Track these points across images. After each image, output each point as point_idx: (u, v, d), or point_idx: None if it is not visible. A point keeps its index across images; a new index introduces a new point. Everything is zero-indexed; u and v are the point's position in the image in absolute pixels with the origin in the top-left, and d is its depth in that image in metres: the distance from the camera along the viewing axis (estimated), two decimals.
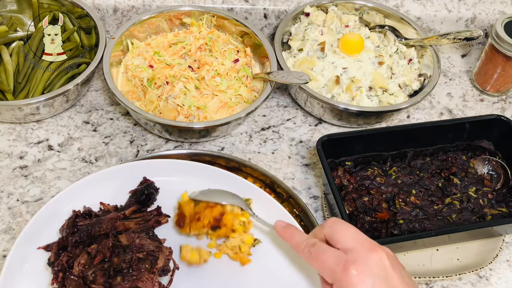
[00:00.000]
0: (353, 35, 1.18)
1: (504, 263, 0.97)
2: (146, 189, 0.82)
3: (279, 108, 1.18)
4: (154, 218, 0.80)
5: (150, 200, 0.82)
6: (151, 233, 0.77)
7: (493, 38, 1.16)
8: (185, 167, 0.86)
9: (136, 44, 1.16)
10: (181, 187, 0.83)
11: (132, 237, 0.75)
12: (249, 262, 0.79)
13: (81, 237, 0.75)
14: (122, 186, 0.83)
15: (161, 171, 0.84)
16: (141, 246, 0.74)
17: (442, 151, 1.05)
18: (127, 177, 0.83)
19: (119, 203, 0.82)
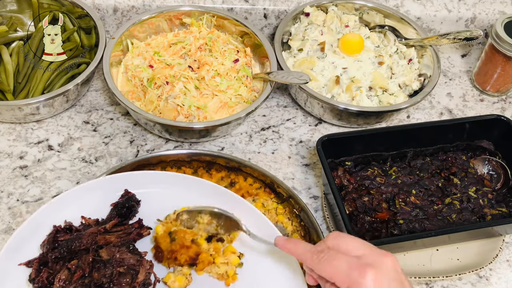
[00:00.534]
0: (353, 35, 1.18)
1: (504, 263, 0.97)
2: (127, 202, 0.81)
3: (279, 108, 1.18)
4: (136, 231, 0.80)
5: (131, 213, 0.81)
6: (131, 246, 0.77)
7: (493, 38, 1.16)
8: (167, 178, 0.85)
9: (136, 44, 1.16)
10: (162, 199, 0.82)
11: (113, 251, 0.75)
12: (235, 280, 0.78)
13: (61, 253, 0.74)
14: (104, 199, 0.82)
15: (143, 183, 0.83)
16: (122, 260, 0.74)
17: (442, 151, 1.05)
18: (109, 190, 0.82)
19: (101, 216, 0.81)
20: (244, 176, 0.98)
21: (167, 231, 0.78)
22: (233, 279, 0.78)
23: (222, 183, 0.97)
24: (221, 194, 0.84)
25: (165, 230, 0.78)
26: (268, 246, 0.77)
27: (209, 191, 0.84)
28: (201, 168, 0.99)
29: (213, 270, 0.78)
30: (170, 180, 0.84)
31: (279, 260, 0.80)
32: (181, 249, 0.77)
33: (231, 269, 0.78)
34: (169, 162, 0.98)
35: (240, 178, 0.98)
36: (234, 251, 0.80)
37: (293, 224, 0.94)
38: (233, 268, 0.78)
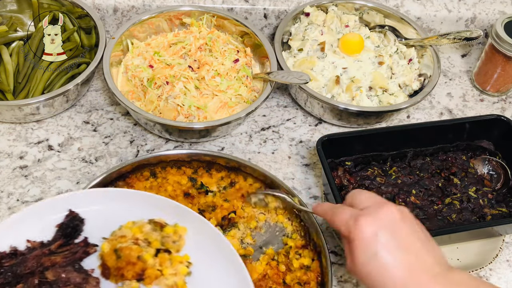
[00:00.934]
0: (353, 35, 1.18)
1: (504, 263, 0.97)
2: (71, 222, 0.81)
3: (279, 108, 1.18)
4: (82, 249, 0.80)
5: (76, 232, 0.81)
6: (77, 265, 0.77)
7: (493, 38, 1.16)
8: (110, 195, 0.84)
9: (136, 44, 1.16)
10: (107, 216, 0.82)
11: (59, 272, 0.75)
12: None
13: (6, 278, 0.74)
14: (49, 221, 0.81)
15: (86, 201, 0.83)
16: (68, 279, 0.74)
17: (442, 151, 1.05)
18: (53, 211, 0.81)
19: (47, 238, 0.81)
20: (244, 176, 0.98)
21: (113, 248, 0.78)
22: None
23: (222, 183, 0.97)
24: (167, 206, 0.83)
25: (111, 248, 0.78)
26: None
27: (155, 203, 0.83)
28: (201, 168, 0.99)
29: (162, 282, 0.77)
30: (114, 196, 0.84)
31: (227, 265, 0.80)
32: (127, 266, 0.77)
33: (180, 279, 0.78)
34: (169, 162, 0.98)
35: (240, 178, 0.98)
36: (181, 260, 0.80)
37: (293, 224, 0.94)
38: (182, 277, 0.78)
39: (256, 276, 0.86)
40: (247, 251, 0.89)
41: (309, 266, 0.88)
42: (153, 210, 0.82)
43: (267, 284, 0.85)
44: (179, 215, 0.82)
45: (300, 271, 0.87)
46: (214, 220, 0.90)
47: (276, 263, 0.88)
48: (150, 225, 0.81)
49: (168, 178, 0.96)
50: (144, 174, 0.96)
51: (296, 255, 0.89)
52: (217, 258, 0.80)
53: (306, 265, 0.88)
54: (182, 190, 0.95)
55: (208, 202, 0.94)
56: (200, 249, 0.81)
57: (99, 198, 0.83)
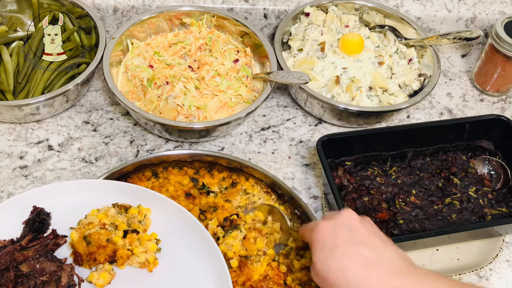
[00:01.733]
0: (353, 35, 1.18)
1: (504, 263, 0.97)
2: (38, 216, 0.83)
3: (279, 108, 1.18)
4: (52, 241, 0.82)
5: (44, 226, 0.83)
6: (49, 255, 0.80)
7: (493, 38, 1.16)
8: (71, 187, 0.87)
9: (136, 44, 1.16)
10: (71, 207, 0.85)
11: (32, 263, 0.78)
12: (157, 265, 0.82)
13: None
14: (14, 219, 0.83)
15: (48, 196, 0.85)
16: (43, 269, 0.77)
17: (442, 151, 1.05)
18: (17, 210, 0.83)
19: (15, 236, 0.83)
20: (246, 177, 0.98)
21: (82, 236, 0.81)
22: (155, 264, 0.81)
23: (223, 184, 0.97)
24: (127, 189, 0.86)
25: (80, 235, 0.81)
26: None
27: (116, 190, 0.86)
28: (202, 168, 0.99)
29: (134, 260, 0.81)
30: (74, 188, 0.86)
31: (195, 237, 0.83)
32: (99, 250, 0.80)
33: (151, 256, 0.81)
34: (170, 162, 0.98)
35: (241, 178, 0.98)
36: (149, 238, 0.83)
37: (294, 225, 0.94)
38: (153, 254, 0.81)
39: (257, 277, 0.86)
40: (248, 252, 0.89)
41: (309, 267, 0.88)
42: (115, 196, 0.86)
43: (268, 285, 0.85)
44: (141, 197, 0.86)
45: (301, 272, 0.87)
46: (216, 220, 0.90)
47: (277, 264, 0.88)
48: (114, 208, 0.84)
49: (170, 179, 0.96)
50: (145, 174, 0.96)
51: (297, 256, 0.89)
52: (184, 233, 0.84)
53: (307, 266, 0.88)
54: (184, 190, 0.95)
55: (209, 203, 0.94)
56: (166, 226, 0.85)
57: (61, 191, 0.86)
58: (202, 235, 0.83)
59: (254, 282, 0.85)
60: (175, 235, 0.84)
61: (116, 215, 0.84)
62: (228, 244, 0.88)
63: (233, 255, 0.87)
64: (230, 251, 0.87)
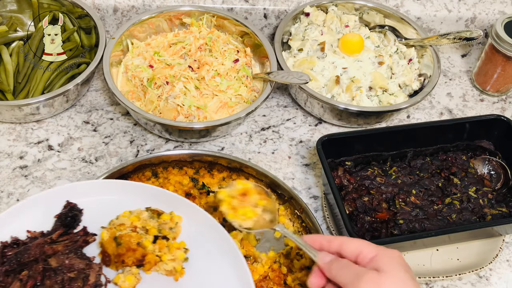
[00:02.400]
0: (353, 35, 1.18)
1: (504, 263, 0.97)
2: (70, 211, 0.83)
3: (279, 108, 1.18)
4: (82, 238, 0.82)
5: (75, 221, 0.83)
6: (79, 252, 0.79)
7: (493, 38, 1.16)
8: (106, 186, 0.86)
9: (136, 44, 1.16)
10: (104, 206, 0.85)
11: (62, 258, 0.77)
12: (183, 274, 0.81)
13: (11, 266, 0.76)
14: (47, 212, 0.83)
15: (83, 192, 0.85)
16: (71, 265, 0.77)
17: (442, 151, 1.05)
18: (51, 203, 0.83)
19: (46, 229, 0.83)
20: (246, 177, 0.98)
21: (112, 236, 0.80)
22: (181, 274, 0.80)
23: (223, 184, 0.97)
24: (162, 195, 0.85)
25: (110, 236, 0.80)
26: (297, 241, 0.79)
27: (150, 193, 0.85)
28: (202, 168, 0.99)
29: (162, 267, 0.80)
30: (110, 187, 0.86)
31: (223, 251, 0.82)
32: (128, 252, 0.79)
33: (178, 264, 0.80)
34: (170, 162, 0.98)
35: (241, 178, 0.98)
36: (179, 247, 0.82)
37: (295, 225, 0.94)
38: (180, 263, 0.81)
39: (257, 278, 0.86)
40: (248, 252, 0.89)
41: (310, 267, 0.88)
42: (148, 200, 0.85)
43: (268, 285, 0.85)
44: (173, 204, 0.85)
45: (301, 272, 0.87)
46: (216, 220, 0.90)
47: (277, 265, 0.88)
48: (147, 212, 0.83)
49: (170, 178, 0.96)
50: (145, 174, 0.96)
51: (297, 256, 0.89)
52: (213, 244, 0.82)
53: (307, 266, 0.88)
54: (184, 190, 0.95)
55: (209, 203, 0.94)
56: (196, 236, 0.83)
57: (96, 189, 0.85)
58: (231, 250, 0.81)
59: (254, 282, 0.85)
60: (203, 247, 0.83)
61: (148, 219, 0.82)
62: None
63: None
64: None
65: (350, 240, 0.72)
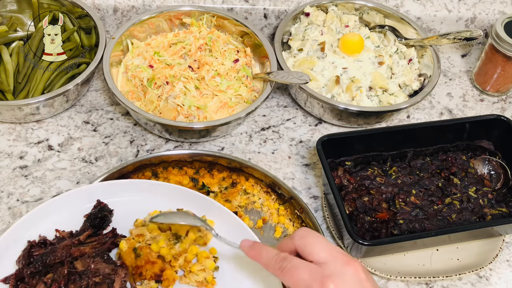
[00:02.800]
0: (353, 35, 1.18)
1: (504, 263, 0.97)
2: (100, 212, 0.82)
3: (279, 108, 1.18)
4: (110, 240, 0.81)
5: (104, 222, 0.82)
6: (106, 256, 0.78)
7: (493, 38, 1.16)
8: (138, 186, 0.85)
9: (136, 44, 1.16)
10: (135, 206, 0.84)
11: (88, 262, 0.76)
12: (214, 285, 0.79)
13: (36, 268, 0.75)
14: (77, 211, 0.82)
15: (115, 192, 0.84)
16: (97, 270, 0.76)
17: (442, 151, 1.05)
18: (81, 201, 0.83)
19: (75, 228, 0.82)
20: (246, 177, 0.98)
21: (131, 247, 0.79)
22: (212, 284, 0.79)
23: (223, 184, 0.97)
24: (194, 198, 0.84)
25: (129, 246, 0.79)
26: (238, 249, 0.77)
27: (182, 195, 0.84)
28: (202, 168, 0.99)
29: (192, 279, 0.78)
30: (142, 188, 0.85)
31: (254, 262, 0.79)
32: (146, 265, 0.77)
33: (209, 275, 0.79)
34: (170, 162, 0.98)
35: (241, 178, 0.98)
36: (208, 256, 0.80)
37: (295, 225, 0.94)
38: (211, 273, 0.79)
39: None
40: None
41: None
42: (179, 201, 0.83)
43: None
44: (205, 207, 0.83)
45: None
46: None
47: None
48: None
49: (170, 179, 0.96)
50: (145, 174, 0.96)
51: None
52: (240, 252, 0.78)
53: None
54: None
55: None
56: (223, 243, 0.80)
57: (127, 189, 0.84)
58: None
59: None
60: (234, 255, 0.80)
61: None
62: None
63: None
64: None
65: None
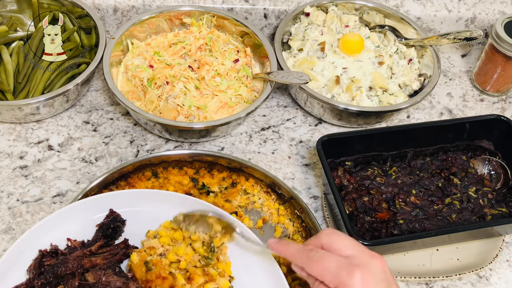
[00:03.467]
0: (353, 35, 1.18)
1: (504, 263, 0.97)
2: (112, 222, 0.81)
3: (279, 108, 1.18)
4: (122, 251, 0.79)
5: (117, 233, 0.81)
6: (117, 268, 0.77)
7: (493, 38, 1.16)
8: (151, 196, 0.84)
9: (136, 44, 1.16)
10: (148, 216, 0.82)
11: (99, 274, 0.75)
12: None
13: (47, 279, 0.74)
14: (89, 220, 0.81)
15: (128, 201, 0.83)
16: (108, 283, 0.74)
17: (442, 151, 1.05)
18: (94, 210, 0.82)
19: (87, 237, 0.81)
20: (246, 177, 0.98)
21: (143, 260, 0.78)
22: None
23: (223, 184, 0.97)
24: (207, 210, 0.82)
25: (140, 259, 0.78)
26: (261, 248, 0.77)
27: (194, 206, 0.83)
28: (202, 168, 0.99)
29: None
30: (155, 198, 0.84)
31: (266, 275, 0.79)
32: (157, 280, 0.75)
33: None
34: (170, 162, 0.98)
35: (241, 178, 0.98)
36: (223, 274, 0.78)
37: (295, 225, 0.94)
38: None
39: None
40: None
41: None
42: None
43: None
44: None
45: None
46: None
47: None
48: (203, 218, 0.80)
49: (170, 178, 0.96)
50: (145, 174, 0.96)
51: None
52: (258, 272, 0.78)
53: None
54: (184, 190, 0.95)
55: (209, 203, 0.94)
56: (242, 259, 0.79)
57: (141, 198, 0.83)
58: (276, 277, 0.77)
59: None
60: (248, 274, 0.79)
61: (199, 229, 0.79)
62: None
63: None
64: None
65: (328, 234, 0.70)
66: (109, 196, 0.83)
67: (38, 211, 0.96)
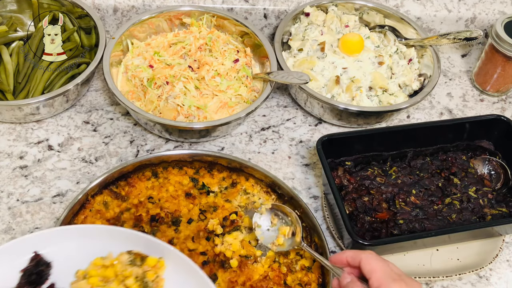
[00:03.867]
0: (353, 35, 1.18)
1: (504, 263, 0.97)
2: (36, 267, 0.75)
3: (279, 108, 1.18)
4: None
5: (42, 278, 0.75)
6: None
7: (493, 38, 1.16)
8: (78, 231, 0.78)
9: (136, 44, 1.16)
10: (77, 254, 0.76)
11: None
12: None
13: None
14: (14, 265, 0.75)
15: (53, 240, 0.76)
16: None
17: (442, 151, 1.05)
18: (18, 254, 0.75)
19: (11, 286, 0.74)
20: (246, 177, 0.98)
21: None
22: None
23: (223, 184, 0.97)
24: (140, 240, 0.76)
25: None
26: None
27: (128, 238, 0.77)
28: (202, 168, 0.99)
29: None
30: (83, 233, 0.77)
31: None
32: None
33: None
34: (170, 162, 0.98)
35: (241, 178, 0.98)
36: None
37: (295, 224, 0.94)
38: None
39: (257, 277, 0.86)
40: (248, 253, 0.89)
41: (310, 267, 0.88)
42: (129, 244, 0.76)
43: (268, 285, 0.85)
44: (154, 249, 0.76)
45: (301, 272, 0.87)
46: (216, 220, 0.90)
47: (277, 265, 0.88)
48: (128, 255, 0.75)
49: (170, 178, 0.96)
50: (145, 174, 0.96)
51: (297, 256, 0.89)
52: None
53: (307, 266, 0.88)
54: (184, 190, 0.95)
55: (209, 203, 0.94)
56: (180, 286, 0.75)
57: (67, 236, 0.77)
58: None
59: (254, 282, 0.85)
60: None
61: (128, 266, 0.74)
62: (227, 242, 0.88)
63: (232, 254, 0.87)
64: (229, 250, 0.87)
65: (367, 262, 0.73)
66: (32, 238, 0.76)
67: (38, 211, 0.96)
